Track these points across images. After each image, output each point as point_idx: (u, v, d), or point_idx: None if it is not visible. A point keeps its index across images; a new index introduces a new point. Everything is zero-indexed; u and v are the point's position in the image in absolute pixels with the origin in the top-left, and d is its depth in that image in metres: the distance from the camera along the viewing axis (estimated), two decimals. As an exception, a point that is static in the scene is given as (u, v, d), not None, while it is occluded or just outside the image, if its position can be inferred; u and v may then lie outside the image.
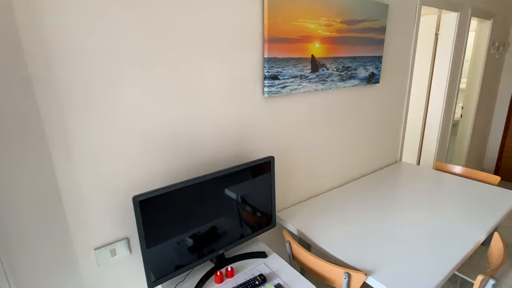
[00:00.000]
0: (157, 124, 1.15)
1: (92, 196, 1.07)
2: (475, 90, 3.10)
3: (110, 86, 1.02)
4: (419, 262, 1.22)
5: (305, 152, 1.74)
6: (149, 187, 1.19)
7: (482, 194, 1.78)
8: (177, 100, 1.17)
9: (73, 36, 0.91)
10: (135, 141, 1.11)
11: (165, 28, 1.08)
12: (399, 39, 2.06)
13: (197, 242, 1.18)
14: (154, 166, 1.18)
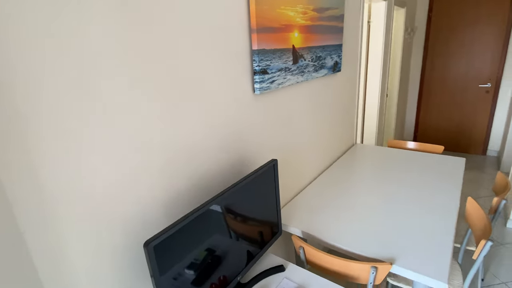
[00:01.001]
0: (150, 142, 0.89)
1: (79, 250, 0.76)
2: (396, 71, 3.51)
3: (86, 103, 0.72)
4: (426, 240, 1.29)
5: (293, 149, 1.65)
6: (152, 223, 0.93)
7: (435, 163, 2.01)
8: (166, 112, 0.93)
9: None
10: (127, 165, 0.84)
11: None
12: (352, 27, 2.13)
13: (212, 278, 0.99)
14: (151, 193, 0.92)
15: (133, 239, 0.90)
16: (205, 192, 1.13)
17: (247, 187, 1.09)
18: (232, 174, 1.25)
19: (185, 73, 0.97)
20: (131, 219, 0.88)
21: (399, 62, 3.47)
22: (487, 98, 3.65)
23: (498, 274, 2.00)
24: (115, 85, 0.78)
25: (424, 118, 4.16)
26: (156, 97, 0.89)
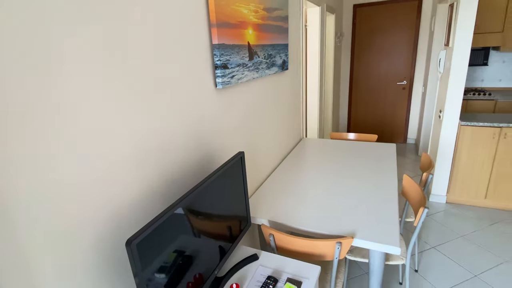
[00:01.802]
0: (116, 139, 0.84)
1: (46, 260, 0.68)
2: (330, 71, 3.85)
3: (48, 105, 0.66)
4: (376, 214, 1.46)
5: (253, 143, 1.70)
6: (126, 224, 0.87)
7: (372, 149, 2.28)
8: (133, 109, 0.88)
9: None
10: (97, 167, 0.78)
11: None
12: (294, 29, 2.28)
13: (188, 277, 0.96)
14: (122, 192, 0.87)
15: (106, 239, 0.83)
16: (177, 188, 1.10)
17: (216, 182, 1.09)
18: (201, 169, 1.24)
19: (150, 69, 0.93)
20: (103, 220, 0.81)
21: (332, 63, 3.81)
22: (404, 94, 4.26)
23: (428, 240, 2.35)
24: (81, 83, 0.72)
25: (355, 112, 4.65)
26: (121, 95, 0.84)
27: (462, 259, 2.13)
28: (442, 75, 2.87)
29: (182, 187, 1.13)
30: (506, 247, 2.22)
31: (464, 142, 2.64)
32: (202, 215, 1.01)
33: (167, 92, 1.01)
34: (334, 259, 1.29)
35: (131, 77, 0.86)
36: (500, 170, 2.59)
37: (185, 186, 1.15)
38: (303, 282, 1.12)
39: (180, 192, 1.12)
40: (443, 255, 2.19)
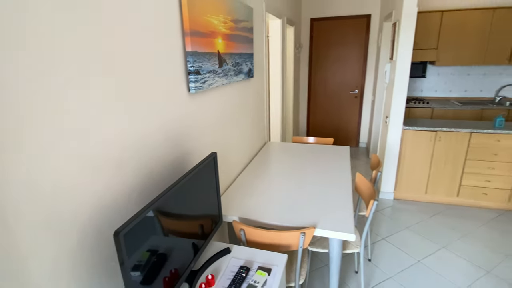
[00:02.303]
0: (90, 143, 0.88)
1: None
2: (291, 80, 4.09)
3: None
4: (333, 206, 1.64)
5: (224, 145, 1.78)
6: (106, 222, 0.91)
7: (329, 151, 2.50)
8: (112, 110, 0.94)
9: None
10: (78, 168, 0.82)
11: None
12: (259, 39, 2.44)
13: (164, 272, 1.02)
14: (98, 193, 0.91)
15: (86, 238, 0.86)
16: (154, 188, 1.15)
17: (191, 181, 1.15)
18: (176, 169, 1.30)
19: (127, 73, 0.99)
20: (83, 218, 0.85)
21: (292, 71, 4.06)
22: (356, 102, 4.66)
23: (378, 233, 2.62)
24: (63, 85, 0.77)
25: (313, 117, 4.96)
26: (100, 98, 0.89)
27: (407, 248, 2.42)
28: (388, 85, 3.23)
29: (158, 187, 1.19)
30: (443, 235, 2.57)
31: (407, 145, 2.99)
32: (178, 213, 1.08)
33: (144, 95, 1.07)
34: (299, 248, 1.43)
35: (110, 81, 0.92)
36: (436, 168, 2.98)
37: (161, 186, 1.20)
38: (272, 269, 1.23)
39: (157, 192, 1.18)
40: (392, 245, 2.46)
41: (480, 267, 2.17)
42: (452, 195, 3.02)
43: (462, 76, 4.14)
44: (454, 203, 3.05)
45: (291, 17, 3.72)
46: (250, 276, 1.19)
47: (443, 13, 3.65)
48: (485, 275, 2.09)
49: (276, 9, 2.97)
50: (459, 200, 3.02)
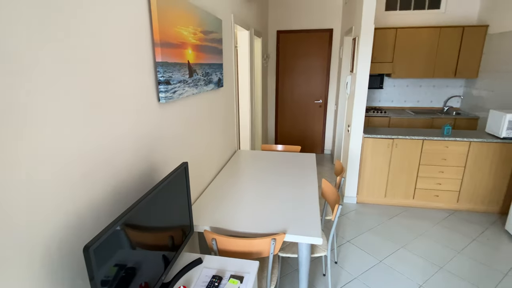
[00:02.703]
0: (59, 153, 0.86)
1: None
2: (259, 89, 4.19)
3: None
4: (301, 213, 1.71)
5: (195, 154, 1.78)
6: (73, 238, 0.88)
7: (297, 159, 2.59)
8: (76, 122, 0.92)
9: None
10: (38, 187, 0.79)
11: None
12: (228, 50, 2.48)
13: (139, 282, 1.01)
14: (64, 206, 0.88)
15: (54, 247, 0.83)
16: (123, 200, 1.13)
17: (162, 192, 1.15)
18: (147, 179, 1.28)
19: (97, 82, 0.98)
20: (47, 234, 0.82)
21: (260, 81, 4.15)
22: (320, 111, 4.87)
23: (343, 236, 2.75)
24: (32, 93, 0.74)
25: (281, 126, 5.09)
26: (67, 107, 0.88)
27: (370, 249, 2.56)
28: (349, 96, 3.44)
29: (128, 199, 1.17)
30: (402, 235, 2.76)
31: (367, 151, 3.19)
32: (148, 225, 1.07)
33: (113, 106, 1.05)
34: (270, 254, 1.47)
35: (75, 92, 0.90)
36: (394, 173, 3.21)
37: (130, 198, 1.18)
38: (244, 276, 1.25)
39: (126, 204, 1.15)
40: (356, 247, 2.59)
41: (435, 263, 2.37)
42: (409, 197, 3.26)
43: (415, 87, 4.52)
44: (411, 205, 3.30)
45: (258, 28, 3.83)
46: (223, 285, 1.20)
47: (397, 30, 3.98)
48: (439, 271, 2.28)
49: (244, 21, 3.05)
50: (415, 202, 3.27)
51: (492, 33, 3.71)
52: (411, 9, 4.21)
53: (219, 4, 2.21)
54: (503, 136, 2.88)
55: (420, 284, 2.15)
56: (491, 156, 2.95)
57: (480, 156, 2.98)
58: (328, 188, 2.04)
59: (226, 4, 2.39)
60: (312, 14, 4.52)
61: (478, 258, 2.42)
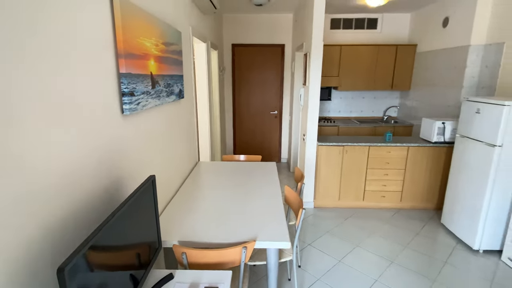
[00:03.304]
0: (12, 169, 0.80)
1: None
2: (216, 101, 4.21)
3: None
4: (268, 219, 1.76)
5: (160, 167, 1.73)
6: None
7: (259, 168, 2.66)
8: (34, 137, 0.87)
9: None
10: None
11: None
12: (187, 62, 2.48)
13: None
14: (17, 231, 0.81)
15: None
16: (87, 219, 1.06)
17: (130, 208, 1.10)
18: (112, 195, 1.22)
19: (58, 94, 0.93)
20: (7, 258, 0.74)
21: (218, 93, 4.19)
22: (276, 121, 5.06)
23: (304, 240, 2.86)
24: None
25: (239, 136, 5.15)
26: (23, 121, 0.82)
27: (330, 250, 2.71)
28: (303, 107, 3.65)
29: (92, 217, 1.10)
30: (356, 235, 2.97)
31: (322, 158, 3.40)
32: (116, 244, 1.01)
33: (75, 118, 1.00)
34: (241, 262, 1.48)
35: (34, 105, 0.85)
36: (346, 177, 3.46)
37: (95, 217, 1.11)
38: (218, 287, 1.25)
39: (90, 223, 1.08)
40: (317, 249, 2.72)
41: (386, 258, 2.59)
42: (359, 199, 3.53)
43: (358, 99, 4.96)
44: (361, 206, 3.57)
45: (214, 41, 3.89)
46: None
47: (342, 47, 4.37)
48: (391, 265, 2.50)
49: (201, 33, 3.08)
50: (365, 204, 3.55)
51: (420, 51, 4.27)
52: (352, 29, 4.66)
53: (178, 16, 2.21)
54: (434, 141, 3.31)
55: (376, 278, 2.33)
56: (426, 158, 3.37)
57: (417, 159, 3.38)
58: (291, 194, 2.13)
59: (184, 17, 2.40)
60: (264, 30, 4.73)
61: (421, 250, 2.71)
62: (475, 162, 2.64)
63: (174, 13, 2.11)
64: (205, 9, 3.05)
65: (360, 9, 4.27)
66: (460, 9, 3.42)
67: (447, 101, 3.63)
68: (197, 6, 2.88)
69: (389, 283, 2.28)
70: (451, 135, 3.26)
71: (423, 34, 4.19)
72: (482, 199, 2.56)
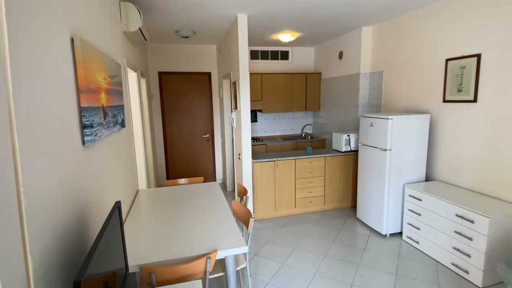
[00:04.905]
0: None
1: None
2: (148, 127, 4.20)
3: None
4: (220, 231, 1.94)
5: (111, 195, 1.75)
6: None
7: (203, 189, 2.82)
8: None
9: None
10: None
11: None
12: (125, 91, 2.53)
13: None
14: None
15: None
16: (57, 256, 1.09)
17: (105, 237, 1.12)
18: (81, 225, 1.25)
19: (27, 128, 1.00)
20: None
21: (148, 119, 4.19)
22: (208, 144, 5.25)
23: (250, 251, 3.09)
24: None
25: (171, 161, 5.15)
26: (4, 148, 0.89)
27: (273, 256, 2.99)
28: (236, 129, 3.98)
29: (61, 253, 1.13)
30: (293, 239, 3.34)
31: (257, 174, 3.74)
32: (89, 275, 0.95)
33: (45, 150, 1.06)
34: (206, 272, 1.63)
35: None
36: (279, 189, 3.86)
37: (66, 252, 1.14)
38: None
39: (61, 260, 1.11)
40: (263, 257, 2.97)
41: (320, 254, 3.01)
42: (291, 207, 3.97)
43: (280, 120, 5.58)
44: (294, 213, 4.01)
45: (142, 69, 3.94)
46: (176, 306, 1.29)
47: (262, 75, 4.93)
48: (324, 258, 2.92)
49: (132, 63, 3.14)
50: (297, 210, 4.01)
51: (324, 78, 5.15)
52: (269, 59, 5.31)
53: (116, 50, 2.29)
54: (344, 150, 4.02)
55: (314, 272, 2.71)
56: (339, 165, 4.05)
57: (332, 167, 4.03)
58: (238, 207, 2.36)
59: (120, 49, 2.48)
60: (190, 58, 4.99)
61: (345, 242, 3.24)
62: (374, 164, 3.35)
63: (112, 46, 2.19)
64: (136, 41, 3.15)
65: (274, 43, 4.94)
66: (350, 45, 4.35)
67: (349, 118, 4.47)
68: (129, 38, 2.96)
69: (325, 274, 2.67)
70: (355, 144, 4.03)
71: (325, 64, 5.09)
72: (383, 193, 3.25)
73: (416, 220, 3.02)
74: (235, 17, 3.42)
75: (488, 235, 2.30)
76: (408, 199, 3.10)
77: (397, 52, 3.67)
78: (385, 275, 2.62)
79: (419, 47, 3.34)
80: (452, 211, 2.59)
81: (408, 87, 3.55)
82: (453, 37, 2.93)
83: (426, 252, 2.92)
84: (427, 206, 2.86)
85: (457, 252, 2.56)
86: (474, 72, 2.74)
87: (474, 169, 2.81)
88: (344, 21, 3.73)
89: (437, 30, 3.11)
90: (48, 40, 1.07)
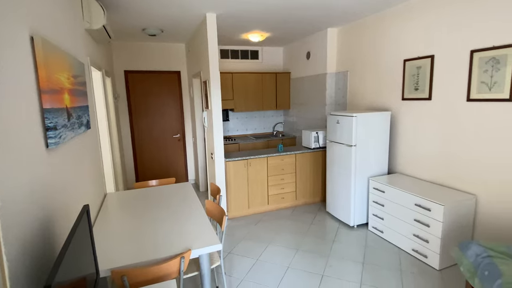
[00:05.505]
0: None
1: None
2: (114, 129, 4.05)
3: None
4: (198, 231, 1.95)
5: (78, 199, 1.69)
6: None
7: (175, 190, 2.79)
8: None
9: None
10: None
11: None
12: (89, 91, 2.43)
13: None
14: None
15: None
16: (24, 265, 1.05)
17: (73, 242, 1.08)
18: (48, 231, 1.21)
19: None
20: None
21: (114, 120, 4.04)
22: (180, 144, 5.17)
23: (225, 249, 3.11)
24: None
25: (141, 163, 5.00)
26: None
27: (247, 253, 3.04)
28: (208, 129, 3.96)
29: (27, 262, 1.09)
30: (267, 235, 3.41)
31: (230, 173, 3.77)
32: (59, 281, 0.92)
33: (6, 154, 1.02)
34: (180, 272, 1.63)
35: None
36: (252, 187, 3.92)
37: (31, 262, 1.10)
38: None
39: (31, 270, 1.07)
40: (237, 255, 3.00)
41: (293, 248, 3.11)
42: (265, 204, 4.04)
43: (252, 118, 5.63)
44: (267, 210, 4.09)
45: (107, 68, 3.79)
46: (151, 307, 1.29)
47: (233, 74, 4.95)
48: (297, 252, 3.02)
49: (96, 62, 3.02)
50: (270, 207, 4.09)
51: (293, 77, 5.28)
52: (239, 59, 5.34)
53: (78, 48, 2.20)
54: (313, 147, 4.16)
55: (287, 265, 2.79)
56: (309, 162, 4.18)
57: (303, 163, 4.15)
58: (212, 206, 2.38)
59: (82, 48, 2.38)
60: (158, 57, 4.87)
61: (317, 235, 3.37)
62: (341, 159, 3.51)
63: (75, 45, 2.10)
64: (100, 39, 3.03)
65: (244, 42, 4.98)
66: (317, 46, 4.50)
67: (317, 116, 4.63)
68: (92, 36, 2.85)
69: (297, 267, 2.77)
70: (323, 141, 4.18)
71: (294, 64, 5.22)
72: (349, 186, 3.42)
73: (380, 211, 3.22)
74: (203, 16, 3.41)
75: (443, 222, 2.52)
76: (373, 192, 3.29)
77: (361, 52, 3.87)
78: (353, 264, 2.77)
79: (380, 48, 3.55)
80: (411, 201, 2.80)
81: (371, 86, 3.76)
82: (410, 39, 3.15)
83: (390, 240, 3.13)
84: (389, 197, 3.06)
85: (417, 238, 2.78)
86: (428, 72, 2.97)
87: (431, 162, 3.06)
88: (310, 22, 3.86)
89: (396, 32, 3.32)
90: (5, 39, 1.02)
